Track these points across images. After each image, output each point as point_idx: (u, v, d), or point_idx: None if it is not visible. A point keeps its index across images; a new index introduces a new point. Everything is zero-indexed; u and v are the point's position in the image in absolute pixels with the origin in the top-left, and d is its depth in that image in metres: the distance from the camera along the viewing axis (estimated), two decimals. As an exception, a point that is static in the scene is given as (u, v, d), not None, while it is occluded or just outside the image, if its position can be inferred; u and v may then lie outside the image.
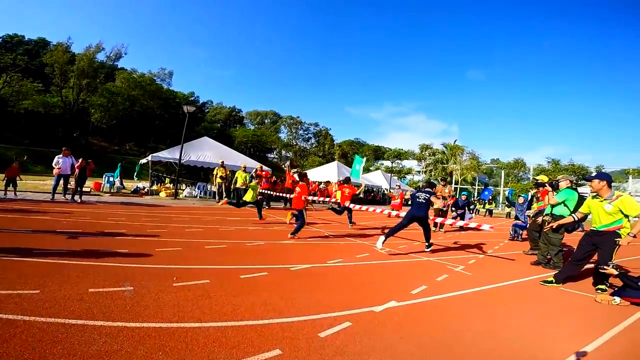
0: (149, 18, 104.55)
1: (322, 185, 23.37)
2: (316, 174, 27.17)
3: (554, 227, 5.35)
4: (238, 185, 13.31)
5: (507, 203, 25.45)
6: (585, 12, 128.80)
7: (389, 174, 34.47)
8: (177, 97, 59.26)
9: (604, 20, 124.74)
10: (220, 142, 23.26)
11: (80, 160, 11.31)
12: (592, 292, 4.53)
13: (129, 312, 2.76)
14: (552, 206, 5.90)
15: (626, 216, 4.26)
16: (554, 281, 4.78)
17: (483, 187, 33.94)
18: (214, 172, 14.17)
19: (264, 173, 14.23)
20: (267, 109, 74.55)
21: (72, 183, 11.39)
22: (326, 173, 26.32)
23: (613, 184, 4.61)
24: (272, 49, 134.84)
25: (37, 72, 46.95)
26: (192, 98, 63.51)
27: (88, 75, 47.84)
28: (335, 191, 14.85)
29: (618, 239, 4.29)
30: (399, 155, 59.30)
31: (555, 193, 6.00)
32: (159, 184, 18.78)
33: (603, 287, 4.49)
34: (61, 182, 10.95)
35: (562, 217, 5.63)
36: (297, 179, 8.02)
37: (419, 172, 51.67)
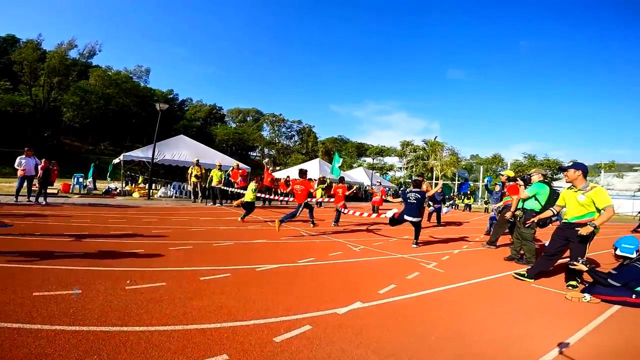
0: (125, 14, 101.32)
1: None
2: (297, 172, 26.93)
3: (535, 222, 5.14)
4: (214, 184, 12.97)
5: (485, 195, 25.91)
6: (558, 12, 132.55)
7: (371, 171, 34.58)
8: (155, 94, 57.59)
9: (577, 20, 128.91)
10: (201, 141, 22.73)
11: (43, 161, 10.74)
12: (564, 288, 4.44)
13: (71, 315, 2.66)
14: (524, 200, 5.86)
15: (598, 210, 4.15)
16: (526, 275, 4.73)
17: (462, 182, 34.56)
18: (189, 171, 13.76)
19: (240, 171, 13.92)
20: (250, 106, 73.99)
21: (36, 184, 10.82)
22: (308, 170, 26.06)
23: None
24: (255, 46, 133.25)
25: (4, 70, 44.76)
26: (171, 96, 61.93)
27: (59, 73, 45.94)
28: (316, 190, 14.82)
29: (591, 233, 4.19)
30: (381, 152, 59.63)
31: (526, 187, 5.98)
32: (132, 185, 18.17)
33: (574, 283, 4.41)
34: (25, 183, 10.37)
35: (533, 211, 5.61)
36: (298, 177, 8.84)
37: (400, 168, 52.00)
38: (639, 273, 3.82)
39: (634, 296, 3.74)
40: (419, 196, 6.88)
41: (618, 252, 4.18)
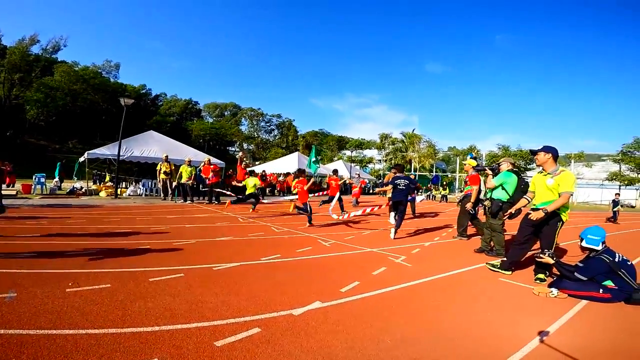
0: (94, 7, 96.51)
1: (281, 178, 22.87)
2: (276, 166, 26.59)
3: (512, 212, 4.85)
4: (183, 180, 12.50)
5: (462, 186, 26.34)
6: (532, 6, 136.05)
7: (350, 164, 34.57)
8: (127, 90, 55.34)
9: (550, 14, 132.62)
10: (176, 136, 21.99)
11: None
12: (533, 282, 4.28)
13: (-1, 319, 2.48)
14: (491, 190, 5.78)
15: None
16: (499, 266, 4.63)
17: (434, 174, 35.31)
18: (157, 168, 13.20)
19: (212, 167, 13.47)
20: (228, 100, 72.38)
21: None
22: (286, 164, 25.77)
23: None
24: (232, 39, 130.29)
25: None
26: (144, 90, 59.64)
27: (21, 69, 43.44)
28: (296, 184, 14.60)
29: (559, 221, 4.14)
30: (361, 145, 59.78)
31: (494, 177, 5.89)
32: (99, 183, 17.38)
33: (542, 276, 4.27)
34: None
35: (500, 200, 5.52)
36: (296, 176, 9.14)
37: (379, 161, 52.29)
38: (606, 266, 3.62)
39: (601, 291, 3.57)
40: (408, 182, 6.93)
41: (584, 243, 3.92)
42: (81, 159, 16.96)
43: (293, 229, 7.73)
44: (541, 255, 4.04)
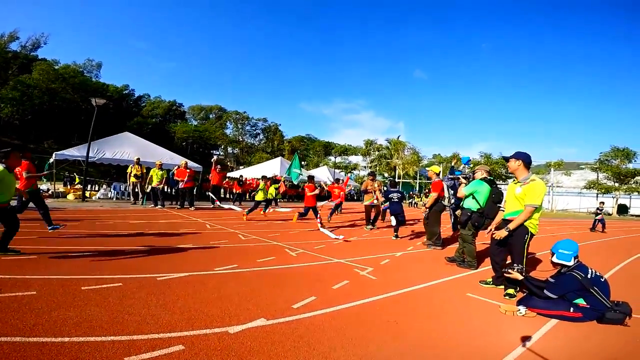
0: (77, 5, 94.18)
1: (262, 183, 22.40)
2: (258, 171, 26.08)
3: (491, 229, 4.40)
4: (154, 184, 11.97)
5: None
6: (517, 16, 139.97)
7: (335, 170, 34.37)
8: (108, 90, 53.93)
9: (535, 23, 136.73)
10: (158, 138, 21.36)
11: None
12: (501, 298, 3.97)
13: None
14: (463, 199, 5.53)
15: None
16: (492, 282, 4.39)
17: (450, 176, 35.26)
18: (128, 170, 12.62)
19: (189, 171, 12.96)
20: (213, 103, 71.31)
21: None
22: (269, 169, 25.32)
23: (538, 175, 4.23)
24: (220, 42, 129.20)
25: None
26: (127, 91, 58.11)
27: (-3, 66, 42.00)
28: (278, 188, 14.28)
29: (526, 234, 3.84)
30: (346, 151, 59.84)
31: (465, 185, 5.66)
32: (69, 186, 16.62)
33: (512, 291, 3.96)
34: None
35: (469, 210, 5.25)
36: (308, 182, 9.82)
37: (364, 167, 52.36)
38: (577, 283, 3.33)
39: (572, 309, 3.29)
40: (399, 194, 8.49)
41: (554, 258, 3.63)
42: (51, 160, 16.21)
43: (261, 237, 7.36)
44: (509, 270, 3.75)
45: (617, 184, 32.63)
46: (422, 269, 5.36)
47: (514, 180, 4.20)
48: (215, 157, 14.16)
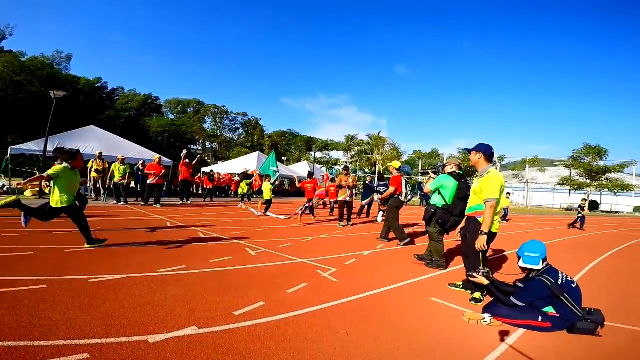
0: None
1: (236, 178, 21.80)
2: (234, 165, 25.41)
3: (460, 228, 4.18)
4: (116, 180, 11.29)
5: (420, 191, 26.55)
6: (497, 15, 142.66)
7: (315, 165, 34.01)
8: (79, 83, 51.51)
9: (515, 21, 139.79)
10: (132, 133, 20.41)
11: None
12: (467, 303, 3.65)
13: None
14: (430, 195, 5.23)
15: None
16: (462, 285, 4.04)
17: (421, 171, 35.51)
18: (89, 165, 11.84)
19: (163, 167, 12.25)
20: (191, 97, 69.34)
21: None
22: (246, 164, 24.70)
23: (512, 172, 3.92)
24: (199, 34, 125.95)
25: None
26: (99, 84, 55.69)
27: (-42, 57, 39.36)
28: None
29: (480, 231, 3.50)
30: (327, 146, 59.49)
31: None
32: (28, 181, 15.58)
33: (478, 296, 3.66)
34: None
35: (434, 206, 4.96)
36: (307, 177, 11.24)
37: (345, 162, 52.13)
38: (546, 290, 3.01)
39: (540, 318, 2.98)
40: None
41: (521, 263, 3.27)
42: (8, 155, 15.17)
43: (223, 235, 6.92)
44: (474, 274, 3.43)
45: (588, 181, 33.49)
46: (389, 269, 5.04)
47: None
48: (184, 152, 13.46)
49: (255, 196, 21.12)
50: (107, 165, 11.95)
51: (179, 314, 2.87)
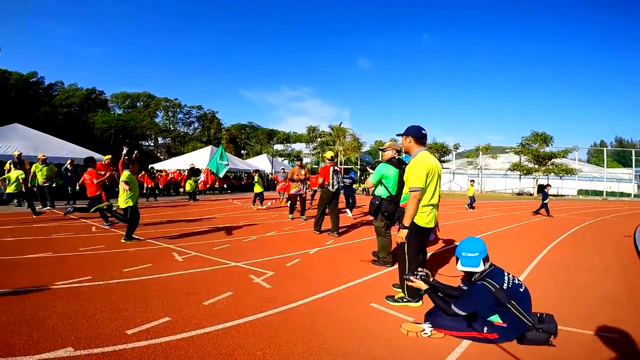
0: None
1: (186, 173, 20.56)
2: (186, 160, 23.94)
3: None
4: (40, 182, 10.01)
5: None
6: (455, 8, 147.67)
7: (274, 158, 33.18)
8: (11, 78, 46.51)
9: (473, 16, 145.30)
10: (73, 130, 18.50)
11: None
12: (411, 308, 3.23)
13: None
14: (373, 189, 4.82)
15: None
16: (404, 298, 3.35)
17: (360, 167, 35.57)
18: (6, 167, 10.37)
19: (111, 169, 10.93)
20: (141, 90, 65.05)
21: None
22: (198, 159, 23.41)
23: (467, 159, 3.52)
24: (149, 23, 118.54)
25: None
26: (34, 79, 50.52)
27: None
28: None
29: (400, 224, 3.18)
30: (288, 138, 58.60)
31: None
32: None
33: (401, 296, 3.32)
34: None
35: (379, 197, 4.51)
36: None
37: (307, 154, 51.58)
38: (490, 297, 2.55)
39: (485, 329, 2.56)
40: (351, 179, 10.88)
41: (459, 265, 2.74)
42: None
43: (152, 238, 6.20)
44: (411, 277, 2.96)
45: (536, 166, 35.39)
46: (332, 269, 4.57)
47: None
48: (125, 149, 12.22)
49: (207, 192, 20.04)
50: (28, 167, 10.53)
51: (59, 333, 2.41)
